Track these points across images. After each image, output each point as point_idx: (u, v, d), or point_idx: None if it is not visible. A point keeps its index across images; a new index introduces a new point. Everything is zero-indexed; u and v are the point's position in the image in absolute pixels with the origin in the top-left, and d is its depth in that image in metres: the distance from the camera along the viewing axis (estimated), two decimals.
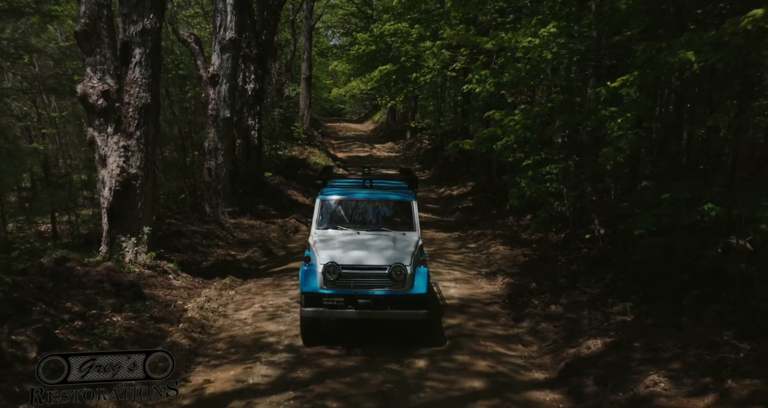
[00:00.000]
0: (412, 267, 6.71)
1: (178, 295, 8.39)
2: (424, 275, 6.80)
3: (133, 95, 8.76)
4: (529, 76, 9.13)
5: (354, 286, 6.63)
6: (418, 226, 7.68)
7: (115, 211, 8.74)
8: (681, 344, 5.98)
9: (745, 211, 5.70)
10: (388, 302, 6.59)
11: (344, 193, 7.99)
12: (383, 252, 6.85)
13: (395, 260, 6.67)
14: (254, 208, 15.36)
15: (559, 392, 5.88)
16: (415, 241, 7.30)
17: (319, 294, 6.58)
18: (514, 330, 7.77)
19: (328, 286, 6.60)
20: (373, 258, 6.75)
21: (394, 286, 6.62)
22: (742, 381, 4.97)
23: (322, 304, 6.56)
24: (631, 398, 5.33)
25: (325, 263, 6.60)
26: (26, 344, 5.65)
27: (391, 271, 6.60)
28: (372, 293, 6.58)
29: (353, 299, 6.56)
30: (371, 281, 6.66)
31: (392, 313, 6.61)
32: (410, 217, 7.74)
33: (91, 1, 8.44)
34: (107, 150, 8.73)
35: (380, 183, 8.39)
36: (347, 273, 6.62)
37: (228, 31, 13.88)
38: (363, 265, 6.68)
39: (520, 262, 10.91)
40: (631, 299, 7.53)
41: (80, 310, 6.87)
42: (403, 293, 6.62)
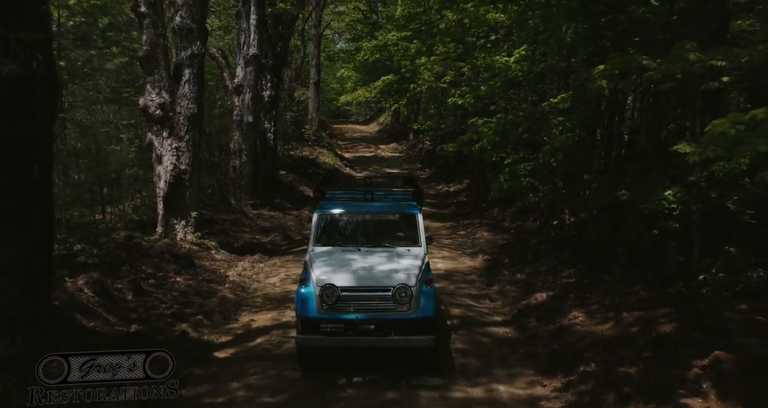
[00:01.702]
0: (418, 287, 6.11)
1: (220, 265, 10.57)
2: (431, 296, 6.22)
3: (183, 107, 10.95)
4: (501, 91, 11.24)
5: (354, 309, 6.03)
6: (424, 241, 7.12)
7: (169, 199, 10.92)
8: (602, 294, 8.07)
9: (643, 195, 7.76)
10: (391, 327, 6.01)
11: (343, 206, 7.43)
12: (386, 271, 6.29)
13: (399, 280, 6.09)
14: (272, 201, 17.53)
15: (510, 328, 8.03)
16: (421, 257, 6.72)
17: (315, 319, 5.99)
18: (485, 291, 9.91)
19: (326, 310, 6.00)
20: (374, 278, 6.21)
21: (398, 310, 6.04)
22: (632, 313, 7.05)
23: (319, 331, 5.98)
24: (557, 328, 7.45)
25: (322, 285, 6.02)
26: (124, 290, 7.85)
27: (395, 293, 6.02)
28: (374, 318, 6.00)
29: (353, 325, 5.98)
30: (373, 304, 6.07)
31: (396, 339, 6.03)
32: (415, 231, 7.18)
33: (151, 32, 10.62)
34: (162, 150, 10.91)
35: (382, 195, 7.83)
36: (346, 296, 6.03)
37: (251, 48, 16.04)
38: (364, 287, 6.13)
39: (499, 244, 13.01)
40: (577, 267, 9.63)
41: (152, 272, 9.06)
42: (408, 317, 6.03)
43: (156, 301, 8.05)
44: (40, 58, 5.42)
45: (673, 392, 5.24)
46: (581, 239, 11.31)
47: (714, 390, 5.08)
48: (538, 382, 6.32)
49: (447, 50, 13.93)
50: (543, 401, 5.89)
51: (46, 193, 5.87)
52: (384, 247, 7.02)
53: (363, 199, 7.56)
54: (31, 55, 5.35)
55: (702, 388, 5.17)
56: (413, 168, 27.17)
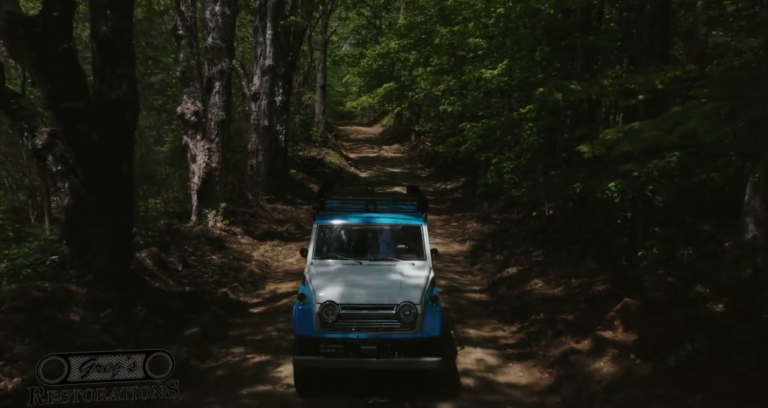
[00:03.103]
0: (423, 305, 5.78)
1: (246, 248, 12.51)
2: (437, 314, 5.89)
3: (214, 113, 12.89)
4: (484, 100, 13.13)
5: (356, 329, 5.71)
6: (429, 254, 6.80)
7: (201, 192, 12.87)
8: (560, 268, 9.96)
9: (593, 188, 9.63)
10: (395, 348, 5.69)
11: (344, 217, 7.14)
12: (389, 288, 5.98)
13: (404, 298, 5.76)
14: (285, 197, 19.46)
15: (484, 293, 9.95)
16: (426, 272, 6.40)
17: (314, 339, 5.68)
18: (468, 269, 11.82)
19: (326, 329, 5.68)
20: (377, 296, 5.86)
21: (402, 329, 5.72)
22: (578, 279, 8.93)
23: (318, 352, 5.66)
24: (521, 292, 9.36)
25: (321, 302, 5.69)
26: (175, 262, 9.79)
27: (398, 312, 5.70)
28: (377, 337, 5.69)
29: (354, 345, 5.66)
30: (375, 323, 5.75)
31: (400, 361, 5.71)
32: (420, 244, 6.86)
33: (187, 51, 12.57)
34: (196, 151, 12.86)
35: (385, 205, 7.47)
36: (347, 314, 5.70)
37: (267, 60, 17.97)
38: (366, 305, 5.79)
39: (485, 233, 14.90)
40: (545, 248, 11.51)
41: (192, 251, 10.99)
42: (413, 337, 5.72)
43: (199, 272, 10.00)
44: (127, 84, 7.35)
45: (593, 328, 7.12)
46: (553, 226, 13.21)
47: (621, 325, 6.96)
48: (500, 328, 8.24)
49: (441, 62, 15.84)
50: (501, 339, 7.81)
51: (129, 184, 7.80)
52: (387, 261, 6.69)
53: (365, 210, 7.23)
54: (122, 82, 7.28)
55: (614, 325, 7.05)
56: (414, 167, 29.09)
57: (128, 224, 7.80)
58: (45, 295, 6.55)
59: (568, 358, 6.68)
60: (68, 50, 6.67)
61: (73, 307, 6.65)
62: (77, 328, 6.41)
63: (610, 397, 5.66)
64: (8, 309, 6.16)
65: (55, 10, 6.48)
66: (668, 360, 5.89)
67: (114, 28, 7.08)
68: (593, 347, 6.72)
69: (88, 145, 6.99)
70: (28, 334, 5.95)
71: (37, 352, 5.61)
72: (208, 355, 7.05)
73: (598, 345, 6.72)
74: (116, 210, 7.48)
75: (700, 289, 7.20)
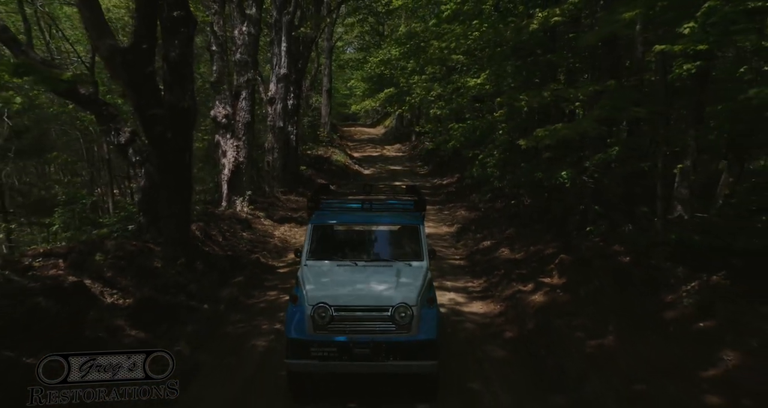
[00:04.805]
0: (419, 307, 5.68)
1: (268, 228, 15.00)
2: (433, 317, 5.82)
3: (241, 116, 15.39)
4: (468, 104, 15.58)
5: (349, 331, 5.60)
6: (426, 255, 6.57)
7: (231, 182, 15.38)
8: (524, 240, 12.41)
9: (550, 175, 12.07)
10: (390, 351, 5.57)
11: (340, 217, 7.04)
12: (384, 289, 5.85)
13: (399, 299, 5.66)
14: (296, 190, 21.94)
15: (463, 261, 12.44)
16: (423, 273, 6.25)
17: (306, 342, 5.58)
18: (453, 244, 14.30)
19: (319, 331, 5.58)
20: (372, 297, 5.76)
21: (397, 331, 5.61)
22: (536, 247, 11.39)
23: (310, 356, 5.55)
24: (491, 258, 11.85)
25: (314, 304, 5.59)
26: (217, 235, 12.28)
27: (393, 313, 5.60)
28: (371, 340, 5.56)
29: (348, 348, 5.54)
30: (370, 325, 5.64)
31: (395, 365, 5.60)
32: (417, 245, 6.65)
33: (219, 64, 15.08)
34: (227, 147, 15.35)
35: (382, 205, 7.33)
36: (341, 315, 5.60)
37: (282, 68, 20.47)
38: (360, 306, 5.67)
39: (471, 219, 17.35)
40: (516, 227, 13.95)
41: (227, 229, 13.47)
42: (409, 340, 5.60)
43: (235, 243, 12.49)
44: (189, 96, 9.84)
45: (537, 277, 9.58)
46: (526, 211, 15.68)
47: (557, 273, 9.41)
48: (471, 281, 10.74)
49: (434, 71, 18.33)
50: (470, 288, 10.31)
51: (190, 170, 10.27)
52: (383, 262, 6.58)
53: (361, 209, 7.03)
54: (185, 94, 9.76)
55: (552, 274, 9.50)
56: (414, 165, 31.57)
57: (188, 201, 10.30)
58: (135, 249, 9.04)
59: (515, 296, 9.15)
60: (151, 72, 9.17)
61: (155, 259, 9.15)
62: (160, 272, 8.91)
63: (536, 315, 8.11)
64: (113, 257, 8.63)
65: (143, 43, 8.97)
66: (581, 292, 8.34)
67: (180, 54, 9.59)
68: (534, 288, 9.19)
69: (163, 141, 9.48)
70: (129, 274, 8.44)
71: (138, 286, 8.13)
72: (251, 296, 9.56)
73: (537, 286, 9.19)
74: (180, 190, 9.97)
75: (616, 248, 9.63)
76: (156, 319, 7.63)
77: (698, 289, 7.07)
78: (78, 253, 8.27)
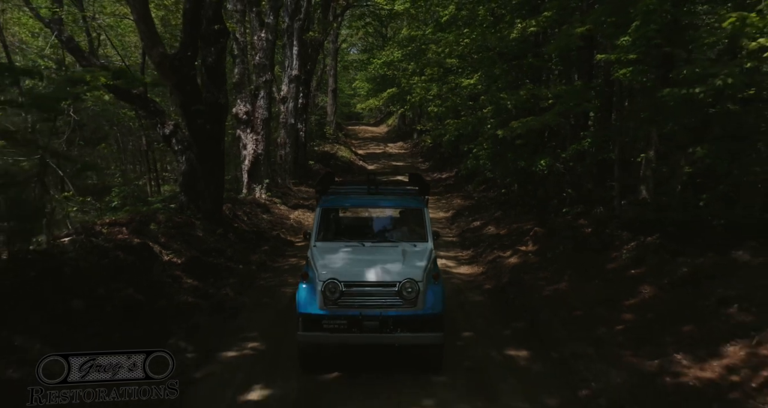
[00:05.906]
0: (425, 283, 5.97)
1: (284, 212, 16.91)
2: (438, 292, 6.11)
3: (260, 113, 17.29)
4: (463, 102, 17.45)
5: (359, 306, 5.90)
6: (430, 236, 6.84)
7: (251, 171, 17.28)
8: (508, 219, 14.27)
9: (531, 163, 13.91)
10: (397, 324, 5.89)
11: (347, 200, 7.38)
12: (391, 266, 6.10)
13: (405, 275, 5.95)
14: (306, 182, 23.81)
15: (455, 238, 14.32)
16: (428, 253, 6.50)
17: (318, 316, 5.89)
18: (448, 226, 16.18)
19: (329, 306, 5.88)
20: (379, 273, 6.03)
21: (404, 306, 5.91)
22: (518, 224, 13.24)
23: (321, 328, 5.88)
24: (479, 234, 13.71)
25: (324, 280, 5.89)
26: (242, 215, 14.18)
27: (400, 288, 5.90)
28: (379, 314, 5.87)
29: (357, 321, 5.85)
30: (378, 300, 5.94)
31: (402, 336, 5.90)
32: (422, 226, 6.95)
33: (240, 67, 16.98)
34: (247, 141, 17.26)
35: (387, 189, 7.53)
36: (350, 291, 5.91)
37: (293, 70, 22.36)
38: (368, 282, 5.98)
39: (465, 206, 19.22)
40: (503, 210, 15.81)
41: (249, 211, 15.37)
42: (415, 313, 5.91)
43: (257, 222, 14.40)
44: (223, 94, 11.73)
45: (515, 245, 11.46)
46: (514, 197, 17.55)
47: (531, 242, 11.28)
48: (460, 252, 12.65)
49: (432, 73, 20.23)
50: (459, 257, 12.20)
51: (223, 157, 12.17)
52: (389, 243, 6.87)
53: (367, 193, 7.25)
54: (220, 92, 11.65)
55: (527, 243, 11.38)
56: (415, 161, 33.43)
57: (222, 183, 12.22)
58: (181, 221, 10.95)
59: (496, 260, 11.04)
60: (194, 75, 11.08)
61: (197, 229, 11.06)
62: (202, 240, 10.81)
63: (510, 272, 9.99)
64: (164, 227, 10.53)
65: (188, 50, 10.86)
66: (547, 254, 10.21)
67: (216, 59, 11.50)
68: (511, 254, 11.08)
69: (203, 132, 11.38)
70: (178, 240, 10.33)
71: (187, 249, 10.03)
72: (276, 260, 11.50)
73: (514, 252, 11.07)
74: (215, 173, 11.87)
75: (581, 222, 11.50)
76: (204, 273, 9.53)
77: (635, 247, 8.94)
78: (137, 222, 10.16)
